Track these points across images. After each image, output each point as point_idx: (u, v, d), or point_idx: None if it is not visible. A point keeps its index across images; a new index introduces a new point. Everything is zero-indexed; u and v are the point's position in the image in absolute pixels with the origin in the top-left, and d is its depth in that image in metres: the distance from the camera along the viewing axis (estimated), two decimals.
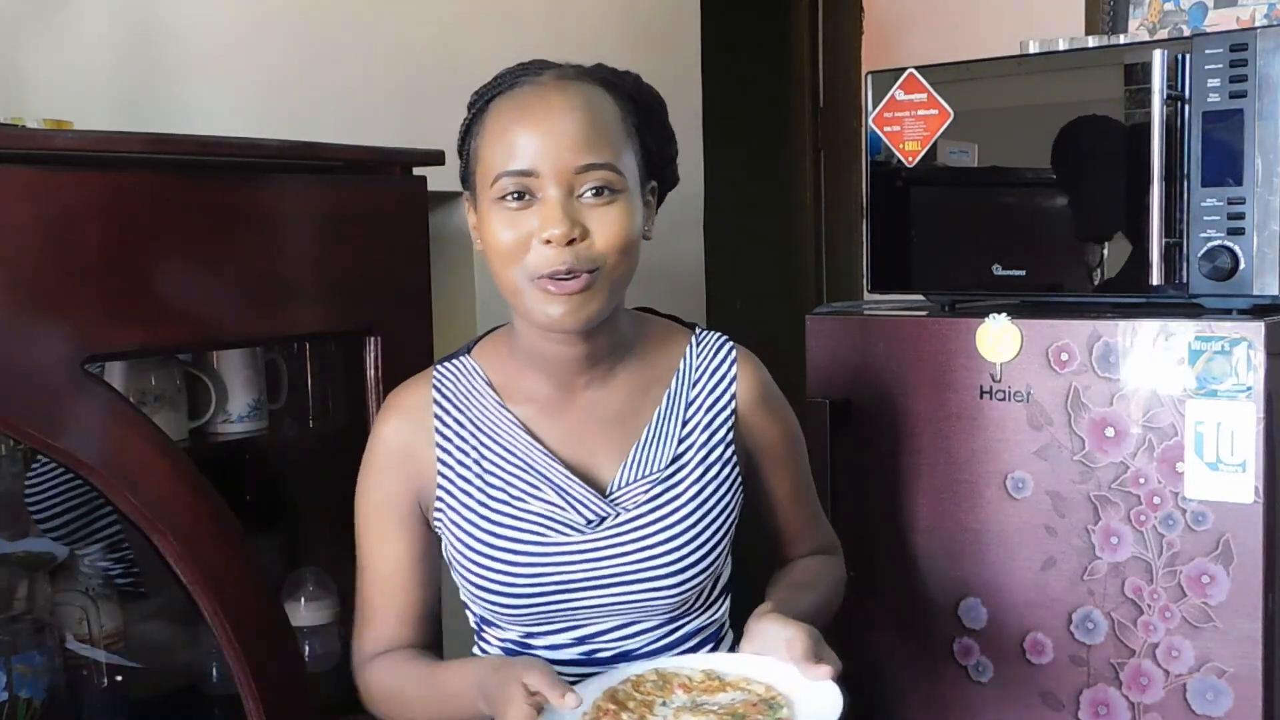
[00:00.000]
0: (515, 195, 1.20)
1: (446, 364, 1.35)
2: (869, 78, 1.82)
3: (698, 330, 1.38)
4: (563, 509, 1.27)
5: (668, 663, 1.26)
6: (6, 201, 1.22)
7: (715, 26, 2.66)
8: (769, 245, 3.13)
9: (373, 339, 1.54)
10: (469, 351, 1.36)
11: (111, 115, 1.58)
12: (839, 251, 3.08)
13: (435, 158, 1.62)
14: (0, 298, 1.21)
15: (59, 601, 1.55)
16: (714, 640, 1.35)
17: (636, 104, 1.28)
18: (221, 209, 1.39)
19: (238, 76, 1.77)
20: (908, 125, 1.77)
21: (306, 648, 1.66)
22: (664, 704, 1.17)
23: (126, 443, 1.31)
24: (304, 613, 1.67)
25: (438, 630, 1.40)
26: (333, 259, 1.50)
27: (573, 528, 1.26)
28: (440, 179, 1.68)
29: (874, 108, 1.80)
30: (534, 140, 1.19)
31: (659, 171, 1.32)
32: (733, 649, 1.34)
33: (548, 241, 1.18)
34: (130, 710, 1.60)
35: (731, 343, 1.38)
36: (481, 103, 1.27)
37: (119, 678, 1.57)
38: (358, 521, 1.36)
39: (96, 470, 1.29)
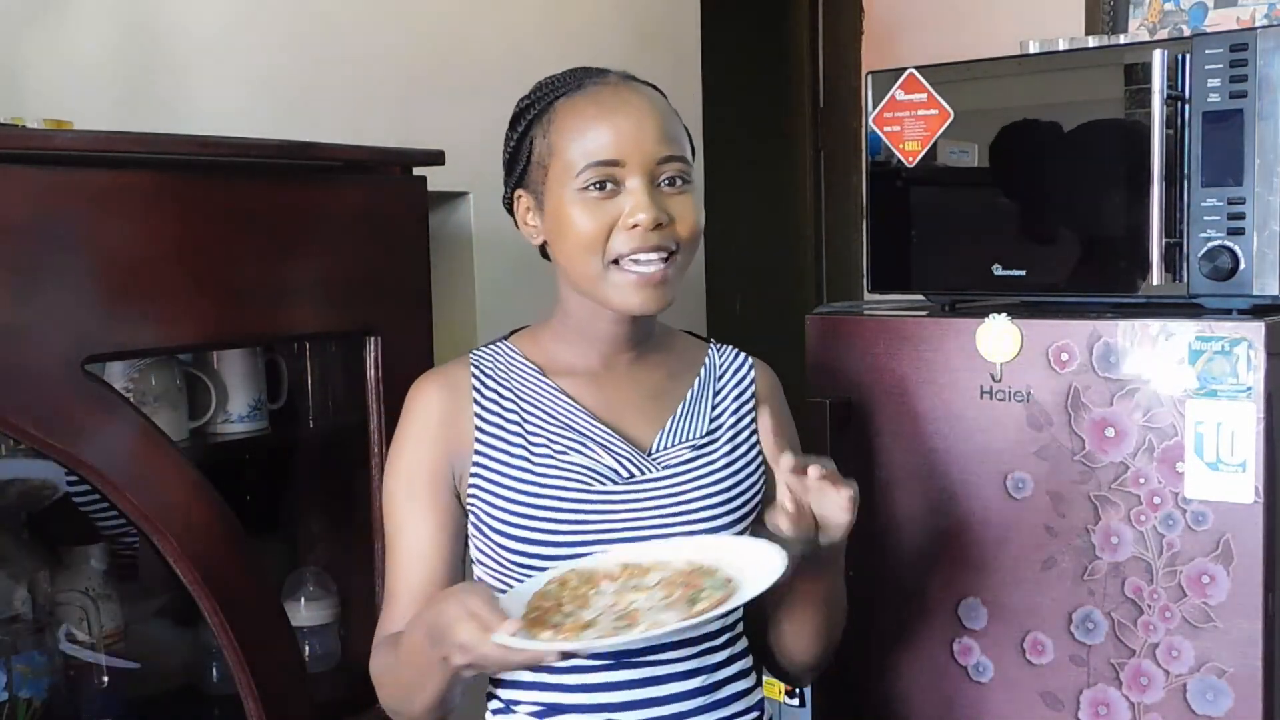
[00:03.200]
0: (598, 185, 1.28)
1: (482, 350, 1.41)
2: (869, 78, 1.82)
3: (713, 342, 1.49)
4: (607, 463, 1.32)
5: (581, 562, 1.27)
6: (6, 201, 1.22)
7: (715, 26, 2.66)
8: (769, 245, 3.13)
9: (373, 339, 1.54)
10: (505, 339, 1.42)
11: (111, 115, 1.58)
12: (839, 251, 3.08)
13: (435, 158, 1.62)
14: (0, 298, 1.21)
15: (59, 601, 1.55)
16: (733, 635, 1.37)
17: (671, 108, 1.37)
18: (221, 209, 1.39)
19: (238, 77, 1.77)
20: (908, 125, 1.76)
21: (306, 648, 1.66)
22: (596, 593, 1.19)
23: (126, 443, 1.31)
24: (304, 613, 1.67)
25: None
26: (333, 259, 1.50)
27: (615, 480, 1.32)
28: (440, 179, 1.68)
29: (874, 108, 1.80)
30: (619, 132, 1.28)
31: None
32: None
33: (634, 226, 1.27)
34: (130, 710, 1.60)
35: (745, 353, 1.48)
36: (543, 104, 1.34)
37: (119, 677, 1.57)
38: (387, 499, 1.35)
39: (97, 470, 1.29)
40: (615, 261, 1.28)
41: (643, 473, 1.32)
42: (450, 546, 1.33)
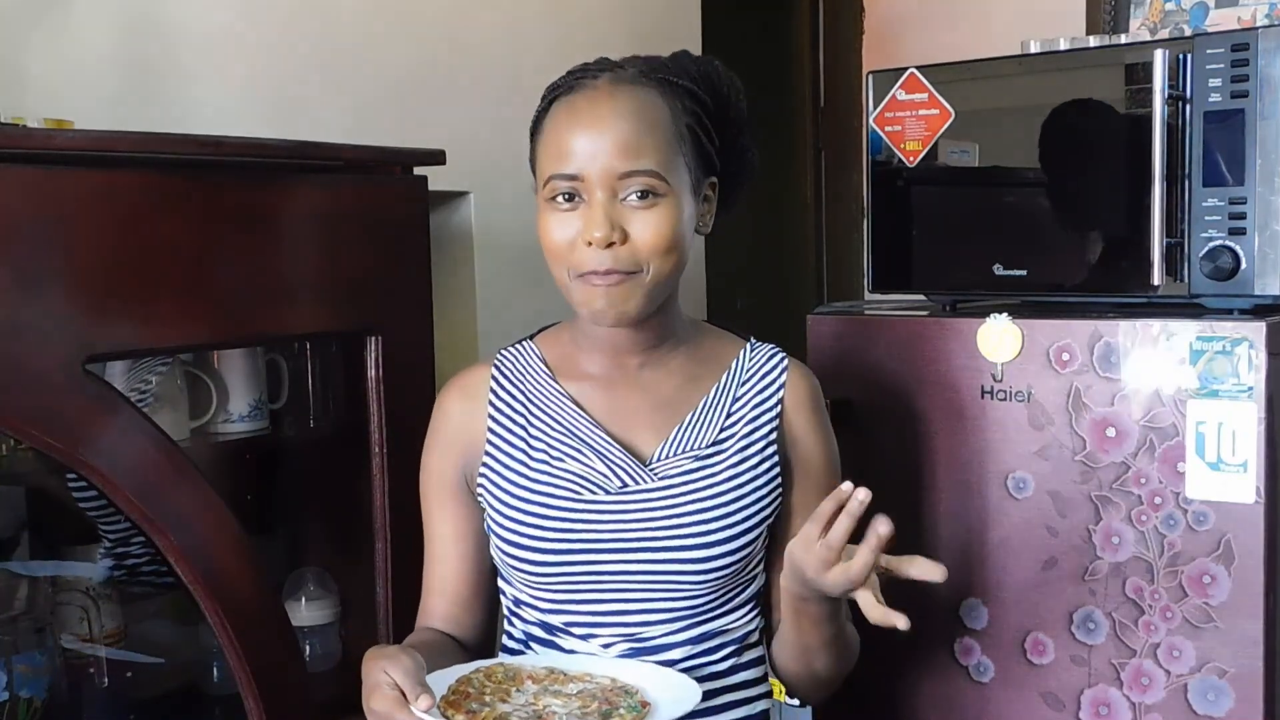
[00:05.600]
0: (565, 196, 1.26)
1: (508, 349, 1.42)
2: (870, 77, 1.82)
3: (752, 340, 1.43)
4: (600, 471, 1.31)
5: (511, 660, 1.31)
6: (6, 201, 1.21)
7: (715, 26, 2.66)
8: (769, 245, 3.13)
9: (373, 339, 1.54)
10: (531, 338, 1.43)
11: (112, 115, 1.58)
12: (839, 251, 3.08)
13: (435, 158, 1.62)
14: (0, 298, 1.21)
15: (59, 601, 1.55)
16: (735, 648, 1.35)
17: (697, 100, 1.32)
18: (221, 209, 1.39)
19: (238, 76, 1.77)
20: (909, 125, 1.76)
21: (307, 647, 1.66)
22: (519, 690, 1.22)
23: (126, 443, 1.31)
24: (304, 612, 1.67)
25: (491, 613, 1.42)
26: (333, 259, 1.50)
27: (606, 489, 1.31)
28: (440, 179, 1.68)
29: (875, 107, 1.80)
30: (581, 146, 1.25)
31: (725, 166, 1.36)
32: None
33: (589, 243, 1.24)
34: (130, 710, 1.60)
35: (784, 354, 1.41)
36: (545, 102, 1.33)
37: (127, 674, 1.57)
38: (422, 501, 1.41)
39: (97, 470, 1.29)
40: (580, 276, 1.26)
41: (637, 483, 1.31)
42: (471, 546, 1.38)
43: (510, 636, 1.39)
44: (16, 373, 1.23)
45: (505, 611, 1.41)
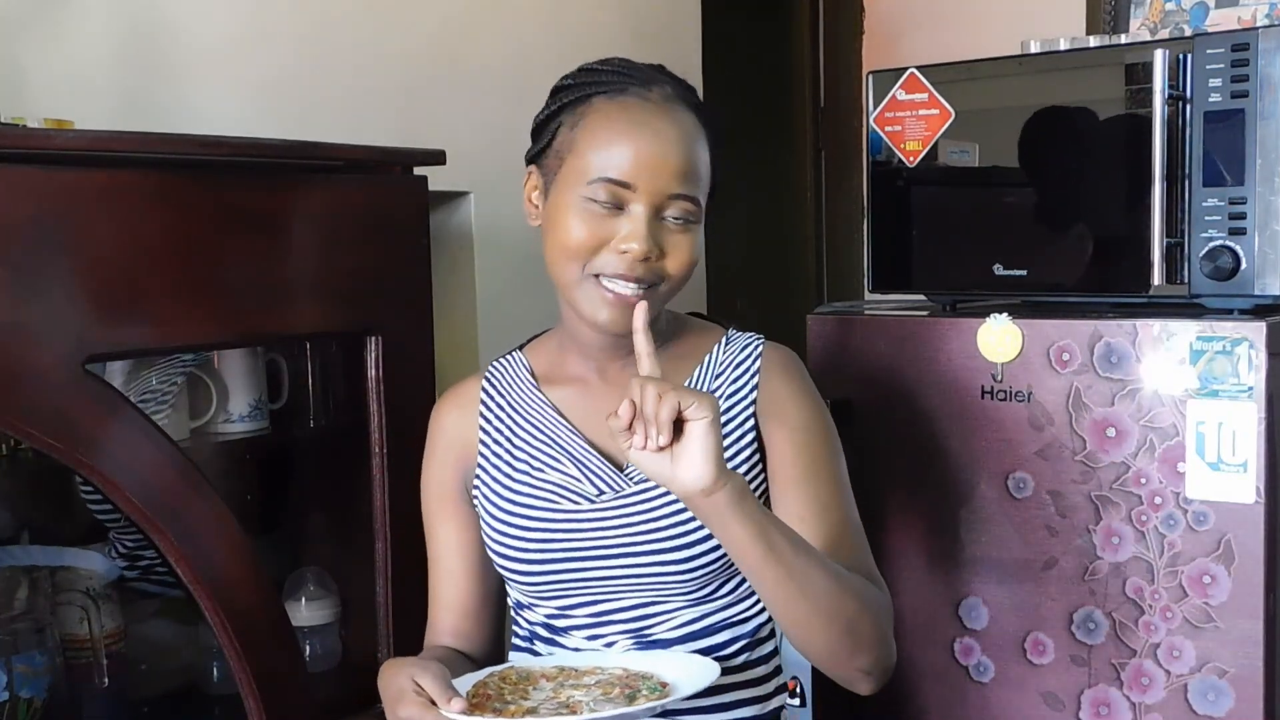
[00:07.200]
0: (607, 201, 1.25)
1: (499, 360, 1.43)
2: (870, 77, 1.82)
3: (730, 331, 1.41)
4: (578, 479, 1.32)
5: (521, 663, 1.31)
6: (6, 201, 1.21)
7: (715, 26, 2.66)
8: (769, 245, 3.13)
9: (373, 339, 1.54)
10: (521, 348, 1.44)
11: (112, 114, 1.58)
12: (839, 251, 3.08)
13: (435, 158, 1.62)
14: (0, 298, 1.21)
15: (59, 601, 1.55)
16: (746, 641, 1.34)
17: (714, 130, 1.34)
18: (221, 209, 1.39)
19: (238, 76, 1.77)
20: (909, 125, 1.76)
21: (307, 648, 1.66)
22: (535, 689, 1.23)
23: (126, 443, 1.31)
24: (304, 613, 1.67)
25: (499, 622, 1.43)
26: (333, 259, 1.50)
27: (584, 497, 1.31)
28: (441, 179, 1.68)
29: (875, 107, 1.80)
30: (640, 157, 1.24)
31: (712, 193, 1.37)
32: None
33: (624, 252, 1.24)
34: (130, 710, 1.60)
35: (762, 341, 1.38)
36: (582, 94, 1.29)
37: (119, 677, 1.57)
38: (423, 516, 1.42)
39: (97, 470, 1.29)
40: (595, 276, 1.25)
41: (615, 490, 1.31)
42: (476, 557, 1.39)
43: (517, 635, 1.41)
44: (16, 373, 1.22)
45: (510, 611, 1.42)
